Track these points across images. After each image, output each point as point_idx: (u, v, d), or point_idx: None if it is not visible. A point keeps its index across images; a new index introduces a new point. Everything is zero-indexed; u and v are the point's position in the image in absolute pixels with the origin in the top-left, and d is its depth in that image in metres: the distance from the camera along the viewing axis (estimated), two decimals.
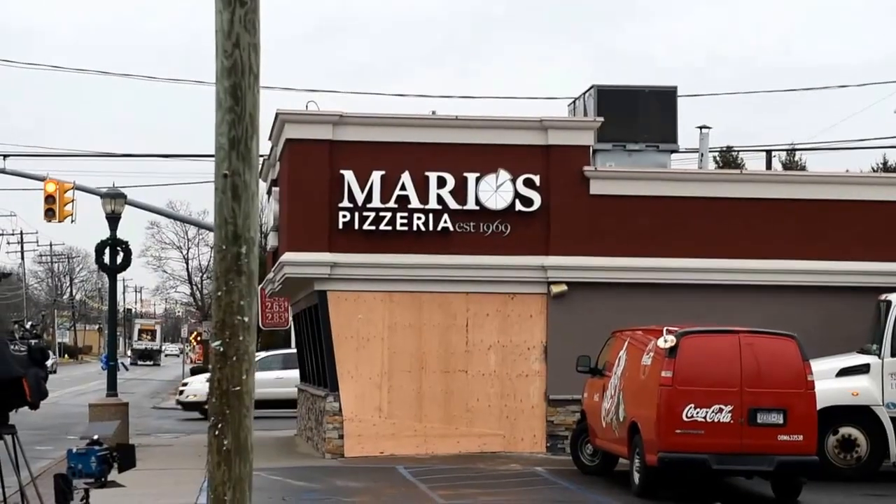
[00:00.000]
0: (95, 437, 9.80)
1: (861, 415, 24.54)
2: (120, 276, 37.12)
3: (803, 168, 54.69)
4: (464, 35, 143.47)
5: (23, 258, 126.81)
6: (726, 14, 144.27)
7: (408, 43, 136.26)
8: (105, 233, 34.86)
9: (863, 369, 24.74)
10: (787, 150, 58.16)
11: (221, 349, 10.21)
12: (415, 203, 28.63)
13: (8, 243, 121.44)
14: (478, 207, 28.81)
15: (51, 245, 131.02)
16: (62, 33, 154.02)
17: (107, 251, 34.45)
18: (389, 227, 28.60)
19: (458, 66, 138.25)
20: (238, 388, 10.21)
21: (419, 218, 28.65)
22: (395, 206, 28.60)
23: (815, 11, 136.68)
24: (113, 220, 34.58)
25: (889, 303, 24.90)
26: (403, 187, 28.59)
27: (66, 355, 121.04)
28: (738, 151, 56.78)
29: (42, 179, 40.43)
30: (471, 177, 28.75)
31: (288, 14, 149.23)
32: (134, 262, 36.97)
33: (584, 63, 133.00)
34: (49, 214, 39.66)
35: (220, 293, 10.25)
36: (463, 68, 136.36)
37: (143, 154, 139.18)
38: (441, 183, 28.69)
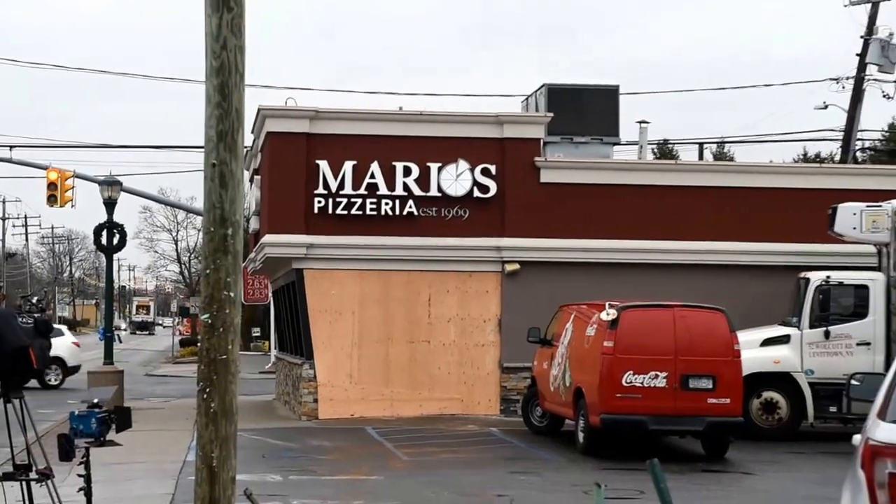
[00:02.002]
0: (95, 400, 9.81)
1: (782, 381, 24.70)
2: (115, 256, 36.95)
3: (731, 159, 54.84)
4: (438, 41, 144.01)
5: (27, 240, 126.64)
6: (675, 24, 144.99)
7: (385, 47, 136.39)
8: (102, 217, 34.74)
9: (784, 340, 24.90)
10: (717, 142, 58.37)
11: (210, 321, 10.24)
12: (383, 190, 28.66)
13: (13, 226, 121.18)
14: (440, 194, 28.85)
15: (52, 228, 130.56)
16: (63, 34, 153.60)
17: (104, 233, 34.40)
18: (360, 212, 28.63)
19: (429, 68, 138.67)
20: (224, 356, 10.24)
21: (387, 203, 28.69)
22: (366, 192, 28.63)
23: (747, 20, 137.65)
24: (110, 205, 34.51)
25: (808, 280, 25.09)
26: (373, 176, 28.61)
27: (65, 328, 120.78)
28: (674, 144, 56.91)
29: (45, 168, 40.29)
30: (433, 166, 28.80)
31: (280, 16, 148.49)
32: (128, 244, 36.85)
33: (545, 67, 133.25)
34: (51, 200, 39.54)
35: (208, 271, 10.27)
36: (432, 70, 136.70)
37: (137, 145, 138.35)
38: (407, 172, 28.73)
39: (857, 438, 7.09)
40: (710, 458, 21.02)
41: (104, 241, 34.55)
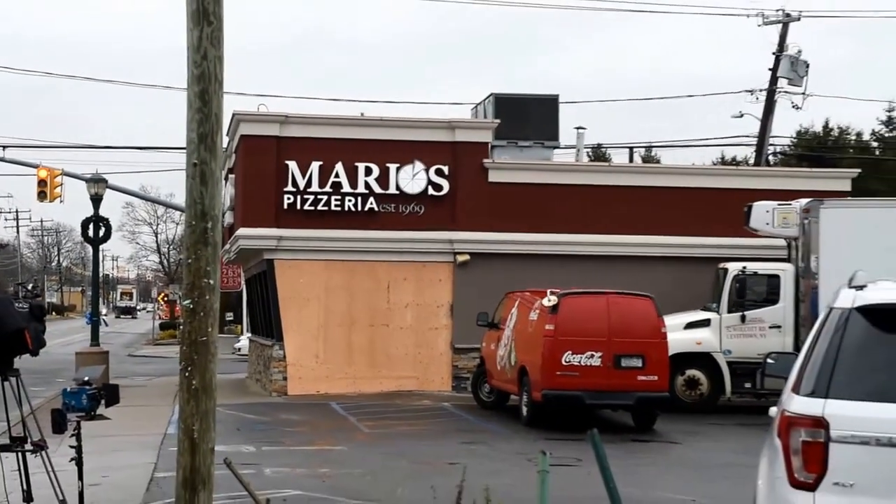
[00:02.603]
0: (86, 378, 9.75)
1: (703, 360, 24.85)
2: (101, 247, 36.69)
3: (658, 162, 55.09)
4: (398, 55, 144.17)
5: (18, 232, 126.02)
6: (611, 44, 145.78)
7: (348, 60, 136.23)
8: (88, 211, 34.55)
9: (705, 323, 25.05)
10: (645, 147, 58.60)
11: (191, 306, 10.17)
12: (346, 188, 28.62)
13: (6, 220, 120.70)
14: (398, 192, 28.84)
15: (41, 221, 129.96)
16: (55, 44, 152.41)
17: (91, 226, 34.21)
18: (326, 208, 28.57)
19: (389, 79, 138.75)
20: (205, 338, 10.18)
21: (350, 200, 28.64)
22: (331, 190, 28.58)
23: (675, 41, 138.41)
24: (96, 201, 34.29)
25: (726, 270, 25.27)
26: (337, 175, 28.57)
27: (53, 312, 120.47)
28: (607, 148, 57.04)
29: (35, 167, 39.88)
30: (392, 167, 28.77)
31: (260, 27, 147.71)
32: (112, 236, 36.60)
33: (496, 81, 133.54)
34: (41, 196, 39.16)
35: (190, 260, 10.21)
36: (392, 80, 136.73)
37: (120, 146, 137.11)
38: (368, 172, 28.69)
39: (773, 410, 7.15)
40: (639, 430, 21.12)
41: (91, 233, 34.37)
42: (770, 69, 40.62)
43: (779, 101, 40.72)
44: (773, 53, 40.53)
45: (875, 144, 57.57)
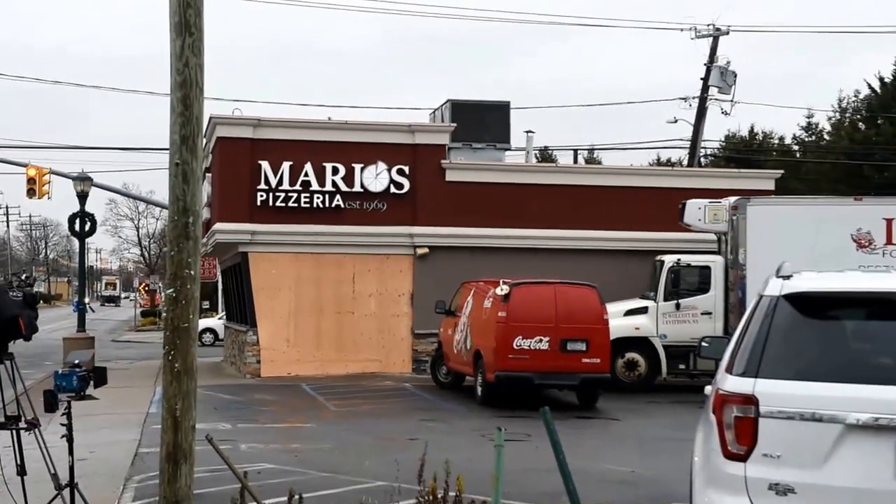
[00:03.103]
0: (76, 361, 9.67)
1: (641, 344, 25.00)
2: (86, 241, 36.39)
3: (600, 163, 55.33)
4: (364, 63, 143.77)
5: (8, 226, 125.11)
6: (559, 57, 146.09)
7: (320, 70, 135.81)
8: (74, 207, 34.29)
9: (643, 311, 25.19)
10: (588, 149, 58.82)
11: (174, 295, 10.12)
12: (315, 186, 28.53)
13: None
14: (362, 190, 28.79)
15: (30, 217, 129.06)
16: (44, 53, 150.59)
17: (77, 221, 33.94)
18: (296, 205, 28.48)
19: (355, 85, 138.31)
20: (186, 324, 10.13)
21: (318, 198, 28.56)
22: (300, 188, 28.48)
23: (600, 50, 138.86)
24: (82, 197, 34.04)
25: (662, 262, 25.42)
26: (306, 174, 28.47)
27: (42, 301, 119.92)
28: (553, 150, 57.22)
29: (25, 166, 39.33)
30: (357, 167, 28.71)
31: (240, 39, 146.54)
32: (97, 230, 36.32)
33: (452, 88, 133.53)
34: (30, 193, 38.65)
35: (172, 252, 10.16)
36: (357, 86, 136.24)
37: (105, 147, 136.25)
38: (335, 171, 28.62)
39: (708, 389, 7.19)
40: (583, 407, 21.21)
41: (77, 227, 34.11)
42: (702, 79, 40.89)
43: (710, 108, 41.01)
44: (705, 64, 40.81)
45: (796, 148, 58.12)
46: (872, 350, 6.66)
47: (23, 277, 10.47)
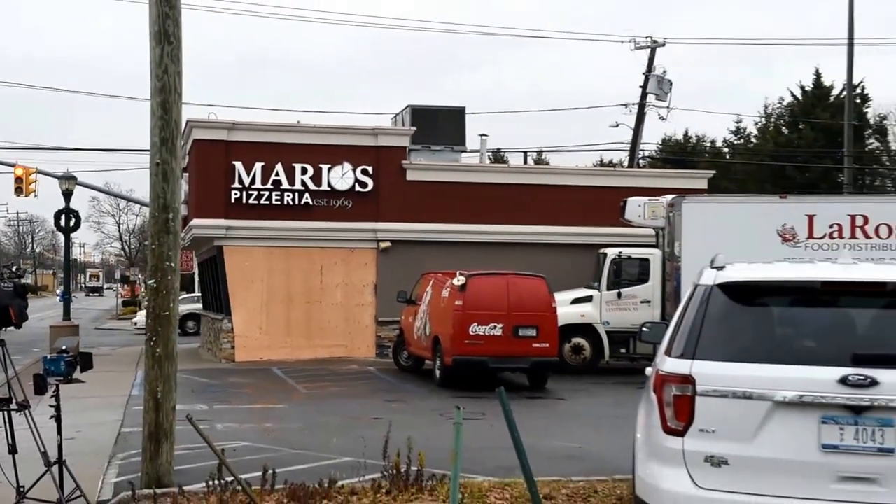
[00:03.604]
0: (64, 347, 9.58)
1: (586, 330, 25.07)
2: (71, 235, 36.06)
3: (548, 163, 55.48)
4: (332, 71, 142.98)
5: None
6: (510, 65, 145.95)
7: (291, 77, 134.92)
8: (59, 204, 34.00)
9: (588, 299, 25.26)
10: (537, 151, 58.99)
11: (155, 286, 10.08)
12: (285, 185, 28.39)
13: None
14: (329, 188, 28.68)
15: (17, 213, 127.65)
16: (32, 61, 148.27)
17: (62, 217, 33.59)
18: (267, 202, 28.32)
19: (321, 91, 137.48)
20: (167, 313, 10.11)
21: (288, 196, 28.42)
22: (272, 187, 28.33)
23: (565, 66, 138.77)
24: (67, 195, 33.75)
25: (605, 254, 25.51)
26: (277, 174, 28.32)
27: (29, 292, 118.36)
28: (505, 152, 57.28)
29: (12, 165, 38.86)
30: (324, 167, 28.60)
31: (215, 47, 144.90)
32: (80, 226, 36.01)
33: (413, 94, 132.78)
34: (18, 191, 38.21)
35: (153, 246, 10.11)
36: (324, 92, 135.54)
37: (88, 148, 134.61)
38: (304, 171, 28.49)
39: (649, 370, 7.23)
40: (533, 388, 21.23)
41: (62, 223, 33.78)
42: (641, 87, 41.13)
43: (648, 114, 41.28)
44: (643, 73, 41.04)
45: (726, 150, 58.56)
46: (797, 334, 6.73)
47: (13, 269, 10.34)
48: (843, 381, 6.14)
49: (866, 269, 7.05)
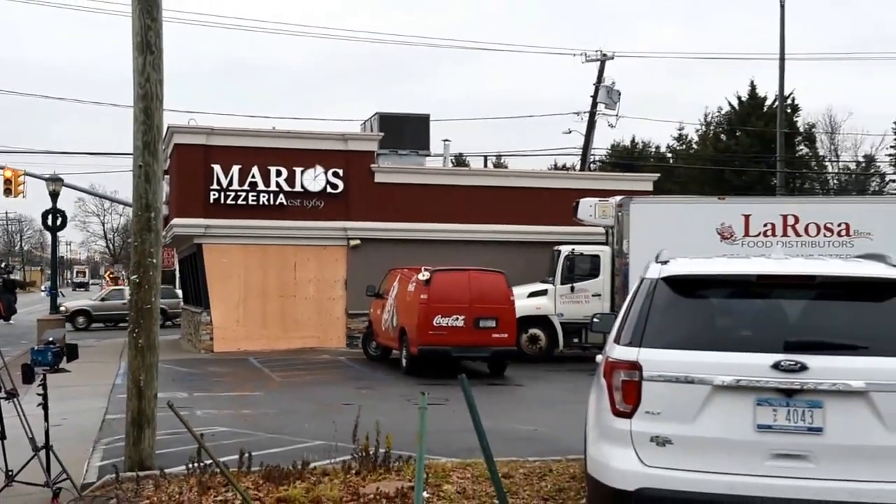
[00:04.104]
0: (50, 339, 9.46)
1: (542, 321, 25.13)
2: (57, 234, 35.69)
3: (506, 167, 55.64)
4: (308, 79, 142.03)
5: None
6: (471, 77, 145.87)
7: (268, 85, 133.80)
8: (47, 204, 33.59)
9: (543, 293, 25.34)
10: (496, 155, 59.14)
11: (138, 280, 9.98)
12: (261, 187, 28.25)
13: None
14: (302, 190, 28.57)
15: (6, 213, 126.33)
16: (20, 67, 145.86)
17: (49, 217, 33.22)
18: (244, 203, 28.16)
19: (295, 98, 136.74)
20: (149, 306, 10.01)
21: (264, 196, 28.28)
22: (248, 188, 28.17)
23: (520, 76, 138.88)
24: (54, 196, 33.34)
25: (559, 251, 25.61)
26: (253, 176, 28.17)
27: (18, 288, 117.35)
28: (467, 156, 57.39)
29: (1, 168, 38.33)
30: (298, 170, 28.49)
31: (194, 55, 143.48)
32: (67, 225, 35.59)
33: (381, 101, 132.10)
34: (7, 192, 37.68)
35: (136, 244, 10.01)
36: (297, 99, 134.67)
37: (74, 151, 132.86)
38: (278, 174, 28.36)
39: (599, 358, 7.24)
40: (493, 376, 21.28)
41: (49, 222, 33.41)
42: (591, 96, 41.31)
43: (598, 121, 41.48)
44: (594, 84, 41.22)
45: (670, 155, 59.02)
46: (734, 323, 6.77)
47: (2, 266, 10.22)
48: (776, 366, 6.19)
49: (797, 264, 7.11)
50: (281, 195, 28.34)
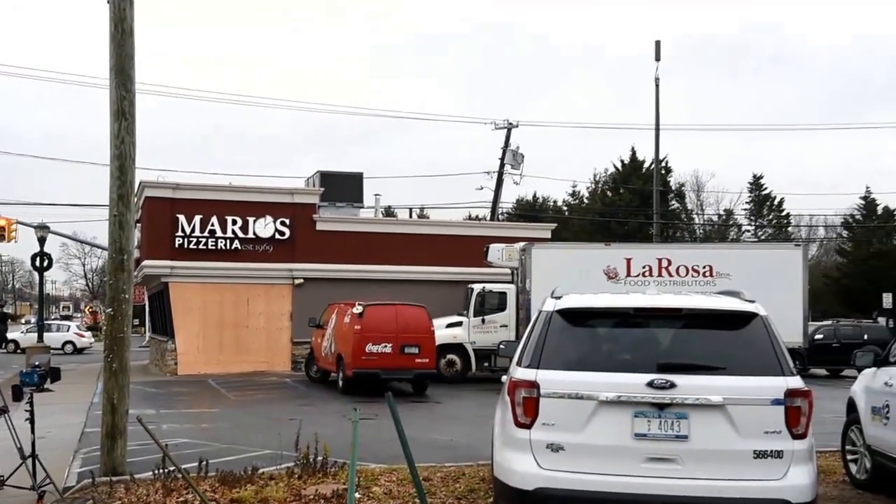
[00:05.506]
0: (37, 363, 9.22)
1: (458, 348, 25.13)
2: (44, 274, 34.76)
3: (428, 217, 55.85)
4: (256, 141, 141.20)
5: None
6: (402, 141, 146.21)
7: (226, 148, 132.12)
8: (35, 248, 32.79)
9: (459, 324, 25.36)
10: (420, 207, 59.36)
11: (112, 313, 9.79)
12: (219, 233, 27.90)
13: None
14: (255, 236, 28.30)
15: (0, 256, 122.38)
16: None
17: (37, 259, 32.37)
18: (205, 247, 27.78)
19: (250, 158, 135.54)
20: (122, 335, 9.83)
21: (222, 242, 27.93)
22: (208, 235, 27.80)
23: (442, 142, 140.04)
24: (41, 241, 32.60)
25: (472, 289, 25.70)
26: (213, 224, 27.82)
27: (9, 320, 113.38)
28: (395, 208, 57.49)
29: None
30: (251, 219, 28.23)
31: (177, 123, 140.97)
32: (52, 266, 34.69)
33: (322, 161, 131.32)
34: (0, 238, 36.62)
35: (111, 282, 9.84)
36: (252, 159, 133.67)
37: (60, 203, 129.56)
38: (234, 222, 28.06)
39: (504, 378, 7.29)
40: (416, 394, 21.20)
41: (37, 264, 32.57)
42: (500, 158, 41.84)
43: (505, 179, 41.93)
44: (502, 148, 41.76)
45: (565, 208, 59.95)
46: (616, 348, 6.86)
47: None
48: (650, 384, 6.30)
49: (667, 299, 7.28)
50: (236, 241, 28.03)
